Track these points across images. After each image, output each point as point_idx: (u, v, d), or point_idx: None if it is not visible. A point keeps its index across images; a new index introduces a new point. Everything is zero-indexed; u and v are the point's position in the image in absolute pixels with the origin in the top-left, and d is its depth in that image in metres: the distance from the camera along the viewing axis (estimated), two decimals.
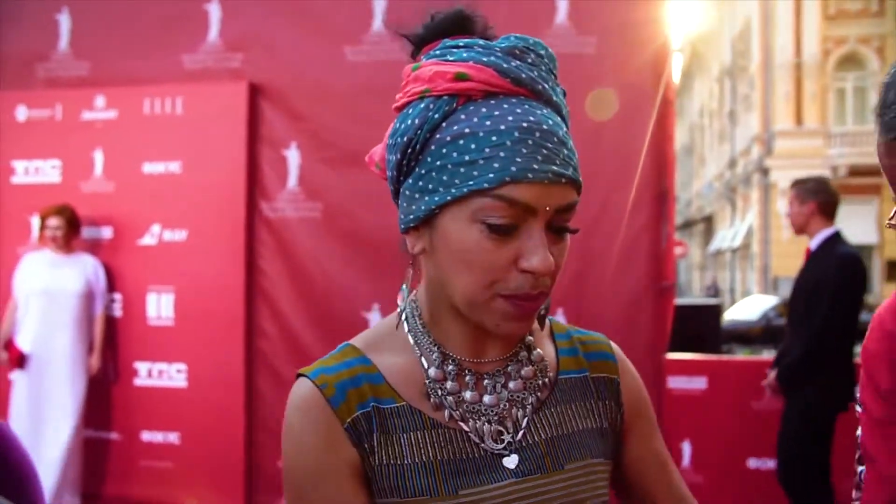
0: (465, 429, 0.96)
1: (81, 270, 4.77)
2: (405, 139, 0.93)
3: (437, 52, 0.95)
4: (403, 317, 1.03)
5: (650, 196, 4.31)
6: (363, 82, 4.57)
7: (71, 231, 4.76)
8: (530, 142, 0.86)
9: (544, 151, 0.86)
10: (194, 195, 4.78)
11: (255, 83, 4.79)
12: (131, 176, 4.91)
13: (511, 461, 0.96)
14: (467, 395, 0.97)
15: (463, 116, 0.89)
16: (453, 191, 0.88)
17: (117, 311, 4.94)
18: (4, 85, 5.23)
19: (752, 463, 4.42)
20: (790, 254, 18.52)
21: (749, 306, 16.34)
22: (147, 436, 4.85)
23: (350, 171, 4.59)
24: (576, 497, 0.98)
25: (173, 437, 4.81)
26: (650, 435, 1.13)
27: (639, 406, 1.12)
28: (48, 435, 4.61)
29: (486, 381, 0.99)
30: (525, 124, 0.87)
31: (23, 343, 4.70)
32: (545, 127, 0.88)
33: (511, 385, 1.00)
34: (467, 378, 0.99)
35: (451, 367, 0.98)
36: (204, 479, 4.71)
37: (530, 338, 1.05)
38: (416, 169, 0.93)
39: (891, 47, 23.98)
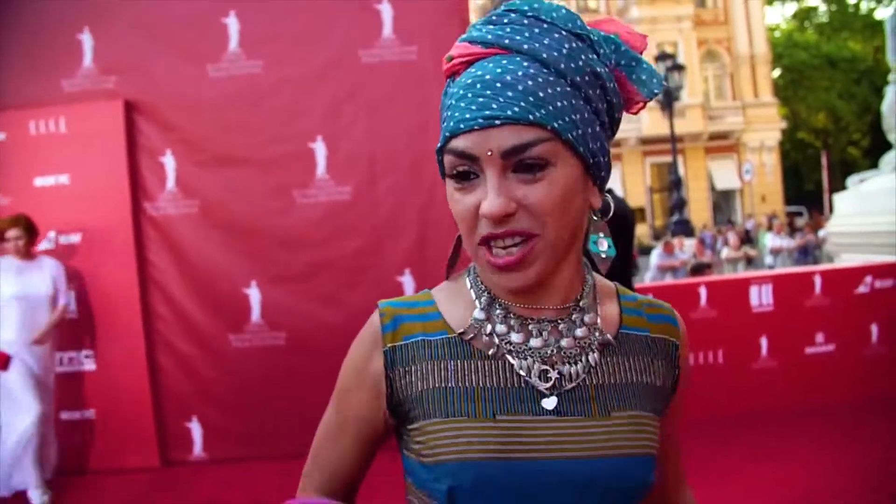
0: (512, 362, 0.77)
1: (49, 273, 3.86)
2: None
3: None
4: (468, 269, 0.86)
5: None
6: (223, 94, 4.08)
7: (30, 238, 3.84)
8: (469, 95, 0.69)
9: (480, 100, 0.68)
10: (84, 202, 4.10)
11: (129, 101, 4.16)
12: (25, 190, 4.16)
13: (550, 402, 0.76)
14: (513, 336, 0.78)
15: (450, 90, 0.74)
16: (437, 156, 0.76)
17: None
18: None
19: None
20: None
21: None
22: (66, 415, 4.13)
23: (220, 170, 4.12)
24: (618, 445, 0.76)
25: (90, 414, 4.14)
26: (676, 415, 0.88)
27: (685, 380, 0.87)
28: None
29: (531, 326, 0.78)
30: (470, 80, 0.70)
31: (6, 346, 3.68)
32: (489, 77, 0.68)
33: (563, 342, 0.78)
34: (513, 322, 0.79)
35: (497, 311, 0.79)
36: (122, 446, 4.08)
37: (585, 300, 0.81)
38: None
39: None
